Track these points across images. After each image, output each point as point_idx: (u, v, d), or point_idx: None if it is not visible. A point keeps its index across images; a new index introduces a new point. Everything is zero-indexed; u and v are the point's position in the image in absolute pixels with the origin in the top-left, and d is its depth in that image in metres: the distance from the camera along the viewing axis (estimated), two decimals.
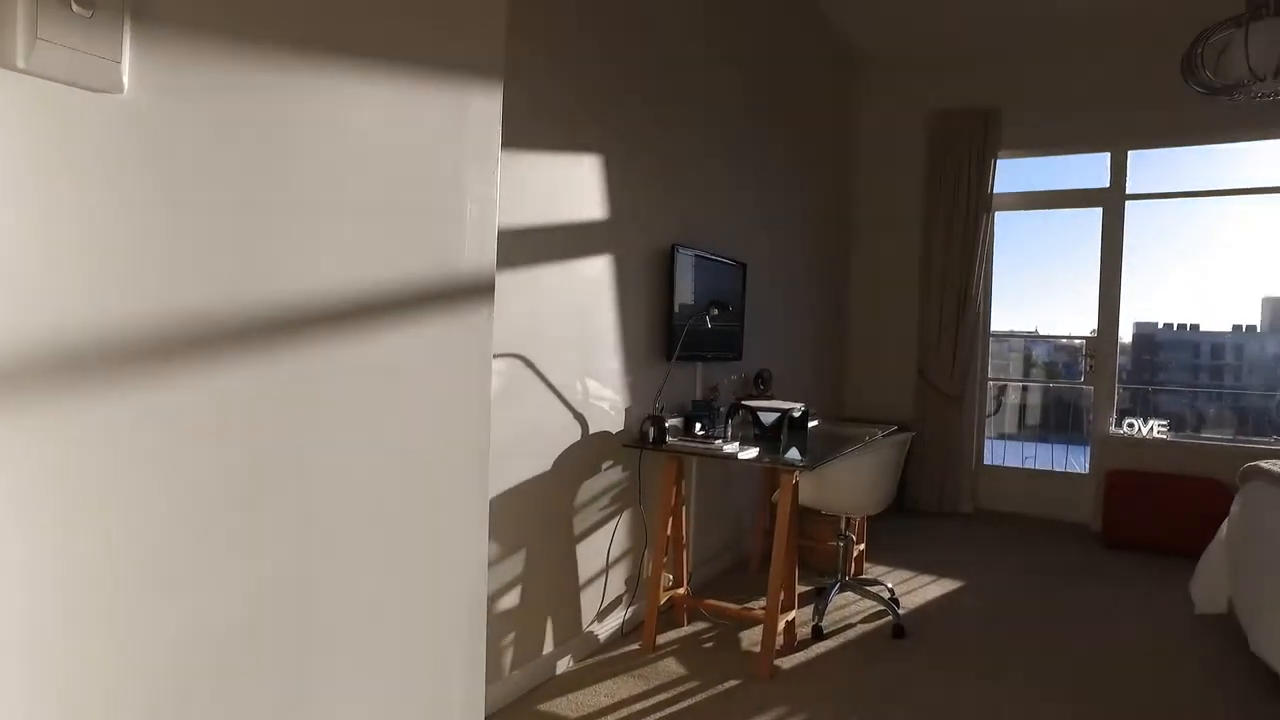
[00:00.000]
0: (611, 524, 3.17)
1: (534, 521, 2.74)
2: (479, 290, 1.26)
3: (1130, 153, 5.18)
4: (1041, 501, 5.46)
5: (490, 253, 1.29)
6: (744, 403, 3.35)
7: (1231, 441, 5.23)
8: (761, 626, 2.92)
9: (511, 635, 2.66)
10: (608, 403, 3.10)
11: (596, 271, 3.01)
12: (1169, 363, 6.53)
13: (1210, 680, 2.94)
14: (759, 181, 4.37)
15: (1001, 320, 5.73)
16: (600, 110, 2.98)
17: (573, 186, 2.86)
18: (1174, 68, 4.85)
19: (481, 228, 1.27)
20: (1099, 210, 5.27)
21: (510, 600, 2.65)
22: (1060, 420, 6.60)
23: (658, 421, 3.07)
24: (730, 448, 2.92)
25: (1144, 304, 5.51)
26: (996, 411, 6.33)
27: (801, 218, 5.00)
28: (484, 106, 1.21)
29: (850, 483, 3.25)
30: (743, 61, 4.15)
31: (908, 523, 5.16)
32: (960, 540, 4.84)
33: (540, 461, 2.75)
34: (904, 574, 4.09)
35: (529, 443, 2.68)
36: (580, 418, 2.93)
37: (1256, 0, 2.89)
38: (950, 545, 4.72)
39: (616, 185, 3.07)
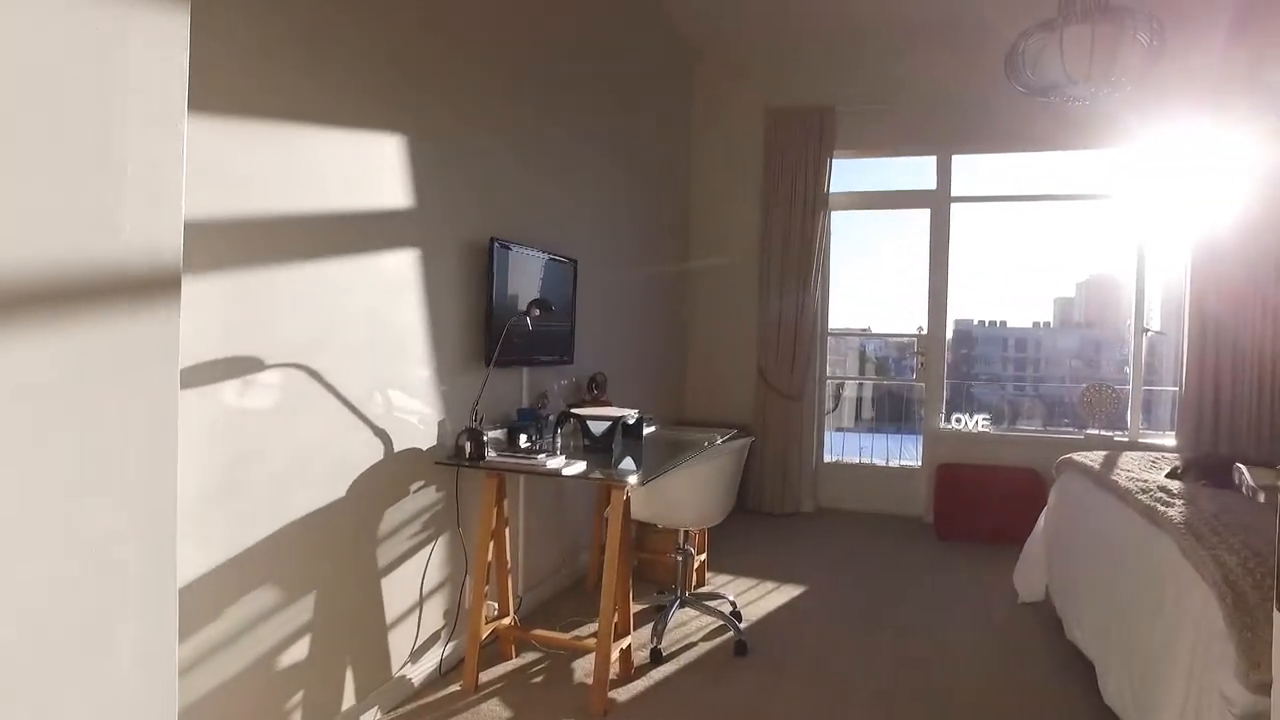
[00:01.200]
0: (425, 551, 2.81)
1: (326, 558, 2.34)
2: (150, 281, 0.91)
3: (955, 157, 5.34)
4: (879, 497, 5.55)
5: (172, 232, 0.95)
6: (573, 411, 3.07)
7: (1043, 432, 5.50)
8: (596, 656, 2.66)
9: (299, 694, 2.26)
10: (416, 415, 2.74)
11: (401, 267, 2.64)
12: (982, 357, 6.90)
13: (1034, 670, 2.96)
14: (592, 176, 4.12)
15: (838, 318, 5.79)
16: (413, 88, 2.62)
17: (373, 170, 2.48)
18: (996, 76, 5.07)
19: (153, 196, 0.93)
20: (928, 211, 5.41)
21: (296, 653, 2.25)
22: (895, 416, 6.79)
23: (475, 435, 2.74)
24: (554, 462, 2.63)
25: (963, 301, 5.71)
26: (835, 409, 6.42)
27: (638, 214, 4.80)
28: (155, 25, 0.86)
29: (688, 494, 3.05)
30: (577, 52, 3.89)
31: (750, 525, 5.08)
32: (802, 542, 4.80)
33: (331, 488, 2.35)
34: (747, 582, 3.96)
35: (314, 467, 2.28)
36: (383, 434, 2.56)
37: (1068, 5, 2.95)
38: (793, 548, 4.66)
39: (427, 172, 2.72)
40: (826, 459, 5.74)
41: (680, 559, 3.25)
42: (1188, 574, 2.06)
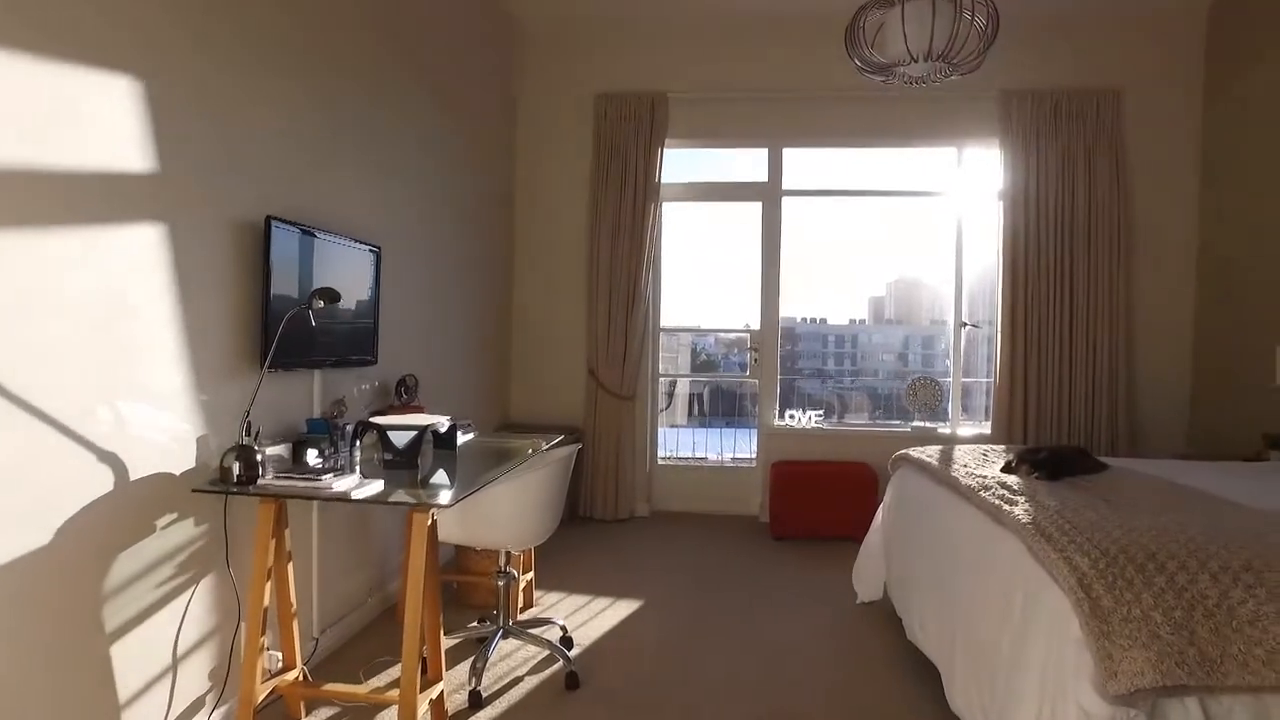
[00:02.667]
0: (181, 601, 2.27)
1: (11, 636, 1.77)
2: None
3: (786, 150, 5.29)
4: (714, 498, 5.41)
5: None
6: (372, 420, 2.62)
7: (872, 426, 5.58)
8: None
9: None
10: (166, 432, 2.20)
11: (141, 246, 2.10)
12: (805, 354, 7.00)
13: (879, 677, 2.85)
14: (401, 155, 3.65)
15: (670, 314, 5.60)
16: (157, 21, 2.07)
17: (77, 116, 1.93)
18: (828, 69, 5.07)
19: None
20: (759, 204, 5.33)
21: None
22: (730, 413, 6.74)
23: (246, 453, 2.24)
24: (344, 483, 2.19)
25: (786, 298, 5.67)
26: (668, 407, 6.25)
27: (456, 201, 4.36)
28: None
29: (507, 512, 2.68)
30: (384, 17, 3.42)
31: (583, 534, 4.78)
32: (637, 550, 4.55)
33: (26, 535, 1.78)
34: (579, 600, 3.64)
35: None
36: (112, 458, 2.00)
37: None
38: (627, 557, 4.40)
39: (177, 130, 2.18)
40: (661, 459, 5.54)
41: (502, 584, 2.87)
42: (1038, 576, 1.95)
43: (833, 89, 5.02)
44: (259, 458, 2.27)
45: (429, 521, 2.18)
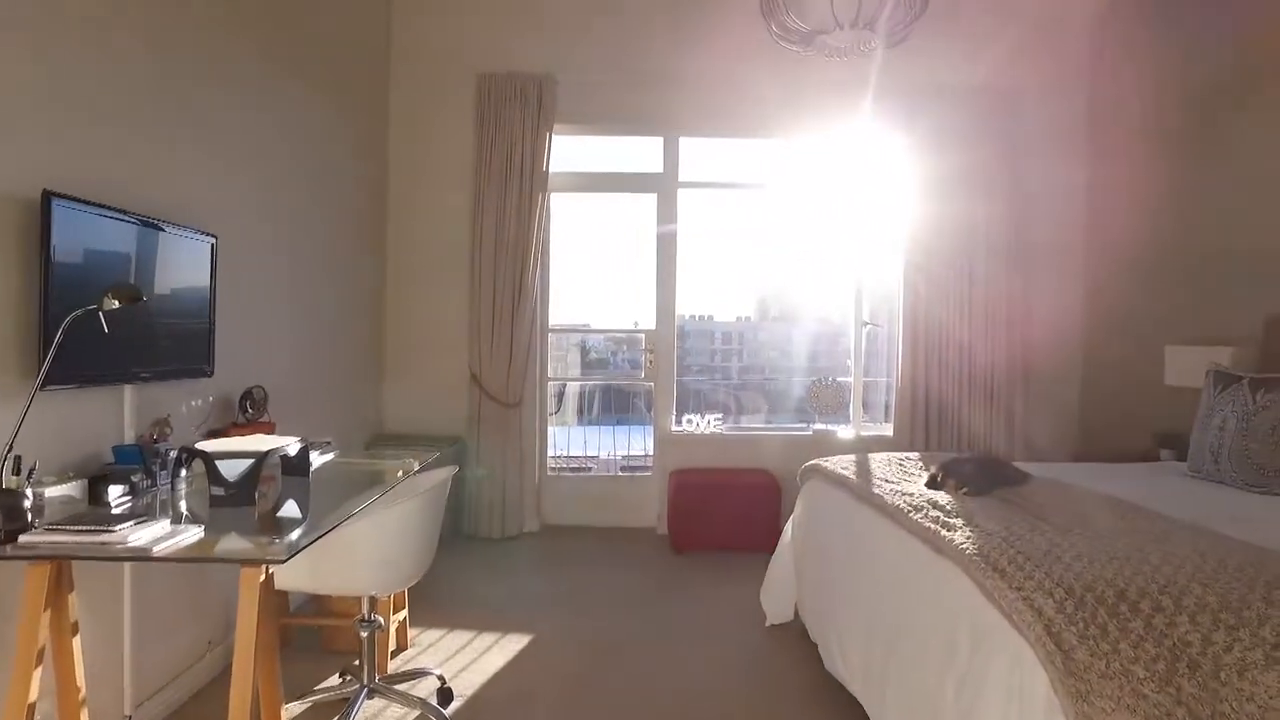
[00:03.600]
0: None
1: None
2: None
3: (683, 139, 5.00)
4: (610, 510, 5.06)
5: None
6: (198, 446, 2.12)
7: (773, 429, 5.37)
8: None
9: None
10: None
11: None
12: (694, 351, 6.77)
13: (798, 713, 2.58)
14: (243, 132, 3.11)
15: (560, 313, 5.22)
16: None
17: None
18: (725, 56, 4.81)
19: None
20: (654, 196, 5.02)
21: None
22: (622, 410, 6.43)
23: (11, 500, 1.71)
24: (145, 534, 1.70)
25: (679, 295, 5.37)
26: (558, 411, 5.88)
27: (316, 187, 3.83)
28: None
29: (371, 554, 2.24)
30: None
31: (466, 555, 4.33)
32: (527, 572, 4.14)
33: None
34: (461, 637, 3.21)
35: None
36: None
37: None
38: (516, 581, 3.99)
39: None
40: (551, 470, 5.15)
41: (365, 635, 2.42)
42: (991, 618, 1.70)
43: (734, 76, 4.77)
44: (29, 503, 1.75)
45: (261, 578, 1.73)
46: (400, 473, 2.59)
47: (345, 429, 4.16)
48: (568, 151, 4.98)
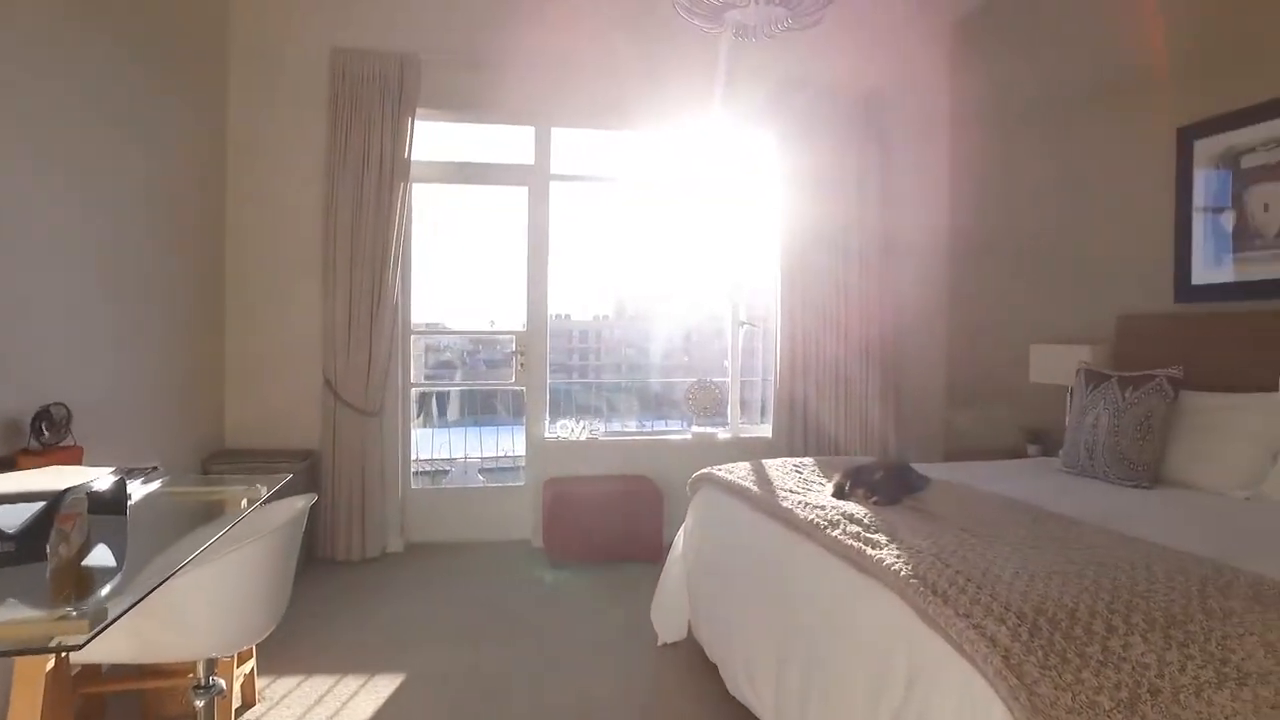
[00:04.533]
0: None
1: None
2: None
3: (555, 130, 4.73)
4: (480, 523, 4.72)
5: None
6: None
7: (650, 433, 5.20)
8: None
9: None
10: None
11: None
12: (556, 351, 6.54)
13: None
14: (47, 101, 2.57)
15: (423, 313, 4.83)
16: None
17: None
18: (601, 41, 4.57)
19: None
20: (525, 189, 4.72)
21: None
22: (485, 419, 6.11)
23: None
24: None
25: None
26: (420, 415, 5.48)
27: (138, 169, 3.28)
28: None
29: (208, 610, 1.85)
30: None
31: (323, 583, 3.88)
32: (393, 599, 3.75)
33: None
34: (321, 684, 2.81)
35: None
36: None
37: None
38: (381, 611, 3.59)
39: None
40: (415, 485, 4.75)
41: (201, 705, 2.01)
42: (933, 648, 1.57)
43: (611, 67, 4.56)
44: None
45: (50, 664, 1.33)
46: (245, 502, 2.18)
47: (178, 448, 3.62)
48: (433, 139, 4.60)
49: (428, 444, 5.77)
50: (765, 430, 5.03)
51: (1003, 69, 4.59)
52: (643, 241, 5.28)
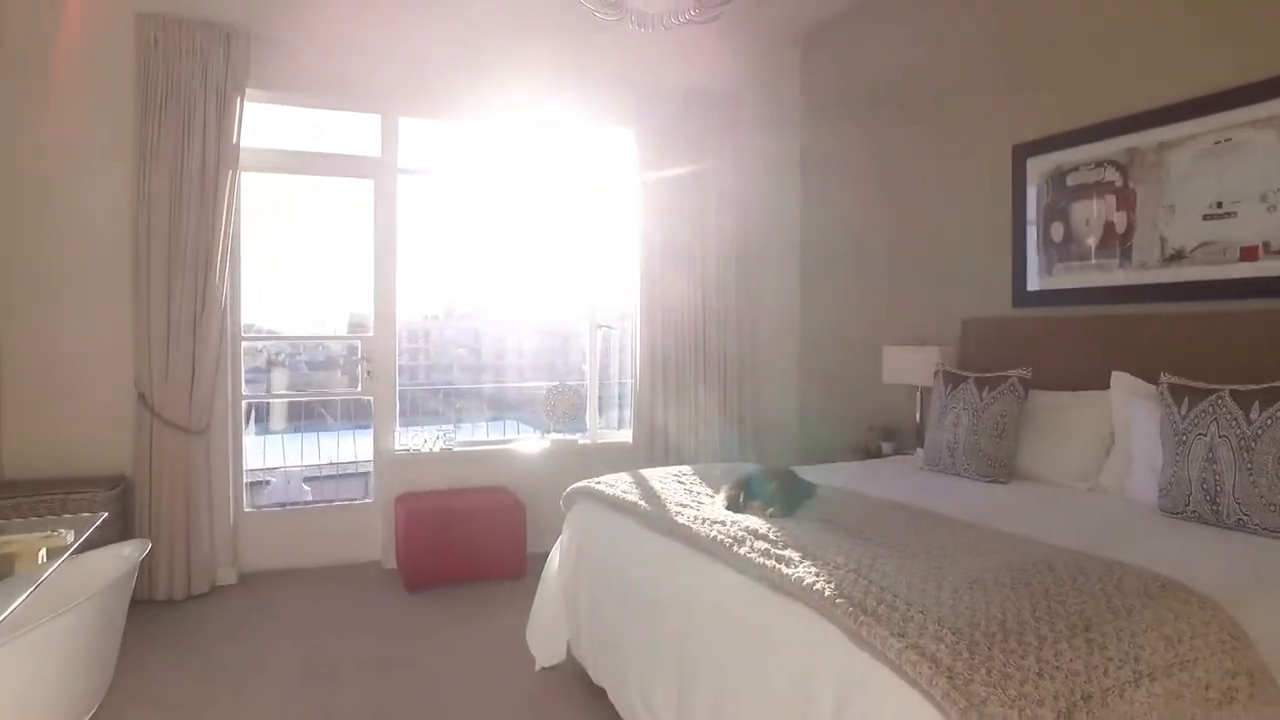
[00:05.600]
0: None
1: None
2: None
3: (402, 119, 4.40)
4: (324, 546, 4.31)
5: None
6: None
7: (505, 443, 4.96)
8: None
9: None
10: None
11: None
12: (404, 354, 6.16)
13: None
14: None
15: (256, 318, 4.35)
16: None
17: None
18: (457, 33, 4.29)
19: None
20: (371, 183, 4.37)
21: None
22: (314, 424, 5.64)
23: None
24: None
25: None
26: (248, 423, 4.95)
27: None
28: None
29: (6, 705, 1.49)
30: None
31: (142, 626, 3.35)
32: (228, 639, 3.32)
33: None
34: None
35: None
36: None
37: None
38: (216, 655, 3.15)
39: None
40: (250, 507, 4.27)
41: None
42: (864, 669, 1.53)
43: (466, 54, 4.31)
44: None
45: None
46: (42, 553, 1.79)
47: None
48: (267, 124, 4.15)
49: (268, 456, 5.24)
50: (625, 435, 4.96)
51: (851, 82, 4.77)
52: (496, 240, 5.04)
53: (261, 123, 4.14)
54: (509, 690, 2.86)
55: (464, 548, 4.01)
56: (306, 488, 5.56)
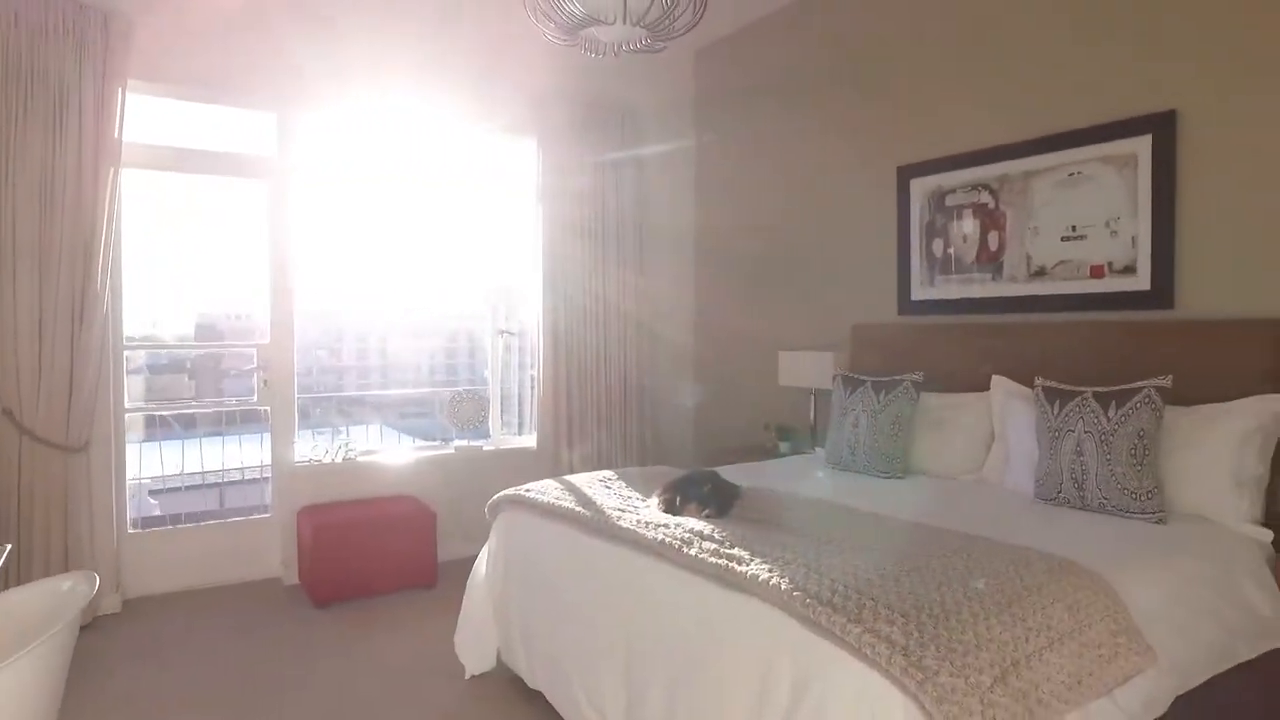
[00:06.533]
0: None
1: None
2: None
3: (301, 119, 4.25)
4: (217, 564, 4.11)
5: None
6: None
7: (409, 449, 4.89)
8: None
9: None
10: None
11: None
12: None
13: None
14: None
15: (139, 325, 4.08)
16: None
17: None
18: (357, 31, 4.17)
19: None
20: (265, 184, 4.19)
21: None
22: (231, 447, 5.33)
23: None
24: None
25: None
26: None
27: None
28: None
29: None
30: None
31: None
32: (117, 673, 3.12)
33: None
34: None
35: None
36: None
37: None
38: (105, 693, 2.96)
39: None
40: (134, 529, 4.00)
41: None
42: (821, 654, 1.69)
43: (370, 51, 4.22)
44: None
45: None
46: None
47: None
48: (151, 119, 3.90)
49: (174, 503, 4.86)
50: (529, 441, 5.00)
51: (745, 95, 5.01)
52: (397, 246, 4.94)
53: (149, 117, 3.88)
54: (440, 700, 2.87)
55: (374, 559, 3.94)
56: (153, 501, 5.22)
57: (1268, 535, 2.53)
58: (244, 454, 4.85)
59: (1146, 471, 2.56)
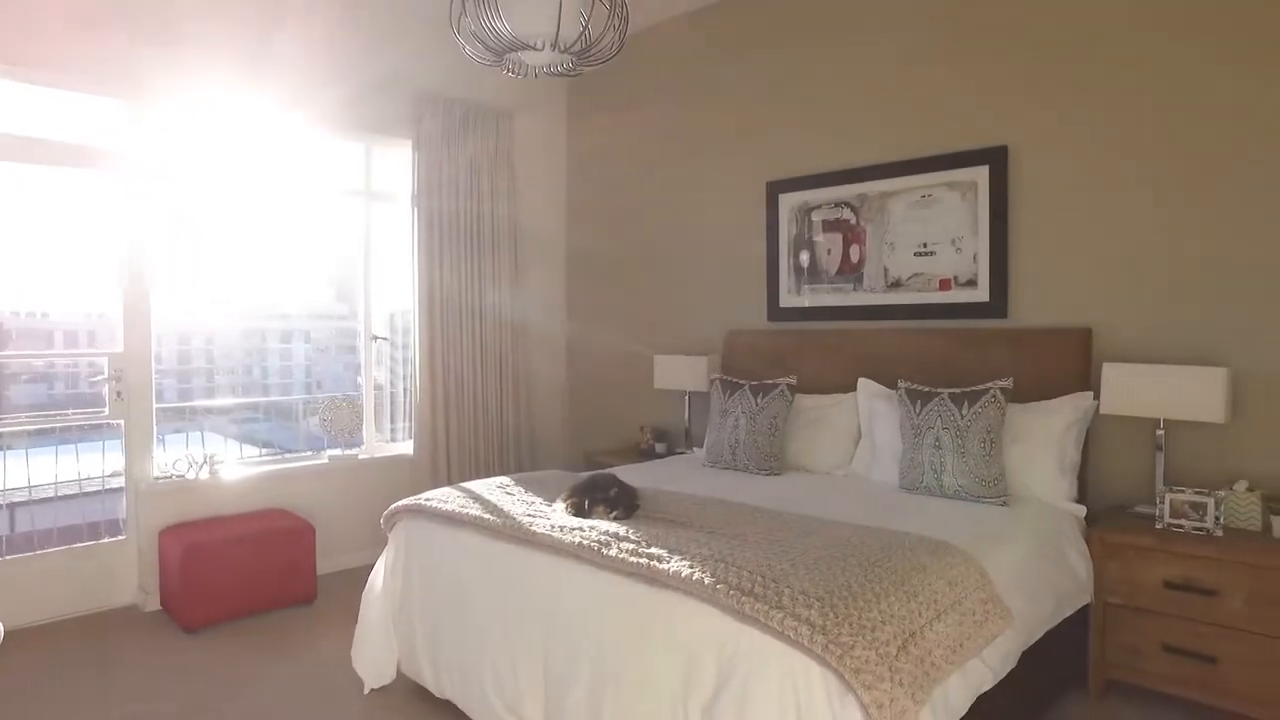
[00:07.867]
0: None
1: None
2: None
3: (156, 106, 3.96)
4: (61, 595, 3.77)
5: None
6: None
7: (278, 460, 4.66)
8: None
9: None
10: None
11: None
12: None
13: None
14: None
15: None
16: None
17: None
18: (218, 19, 3.93)
19: None
20: (118, 176, 3.88)
21: None
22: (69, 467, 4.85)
23: None
24: None
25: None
26: None
27: None
28: None
29: None
30: None
31: None
32: None
33: None
34: None
35: None
36: None
37: None
38: None
39: None
40: None
41: None
42: (747, 642, 1.85)
43: (233, 32, 4.00)
44: None
45: None
46: None
47: None
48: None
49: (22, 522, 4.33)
50: (405, 448, 4.92)
51: (617, 105, 5.17)
52: (265, 246, 4.69)
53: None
54: (339, 716, 2.82)
55: (249, 577, 3.76)
56: (83, 545, 4.67)
57: (1082, 510, 3.00)
58: (59, 469, 4.41)
59: (993, 461, 2.94)
